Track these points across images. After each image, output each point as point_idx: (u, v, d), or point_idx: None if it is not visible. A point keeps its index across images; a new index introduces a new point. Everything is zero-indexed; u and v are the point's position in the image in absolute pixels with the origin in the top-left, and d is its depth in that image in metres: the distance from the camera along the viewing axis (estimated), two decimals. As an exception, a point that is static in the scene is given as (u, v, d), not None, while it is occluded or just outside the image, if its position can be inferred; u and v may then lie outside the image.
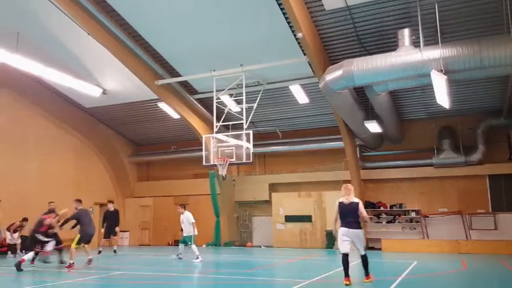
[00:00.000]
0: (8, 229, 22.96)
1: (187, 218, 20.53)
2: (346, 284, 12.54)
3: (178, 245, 21.64)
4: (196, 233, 20.62)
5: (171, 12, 19.35)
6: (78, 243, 17.77)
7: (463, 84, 22.07)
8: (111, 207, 24.29)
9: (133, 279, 14.87)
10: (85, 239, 17.95)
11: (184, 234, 20.64)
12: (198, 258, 19.65)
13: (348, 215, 13.05)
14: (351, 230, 12.94)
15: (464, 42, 16.07)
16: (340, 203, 13.22)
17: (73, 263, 17.21)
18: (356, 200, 13.22)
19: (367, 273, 13.29)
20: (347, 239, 12.97)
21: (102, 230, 23.84)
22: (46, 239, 18.23)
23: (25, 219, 23.24)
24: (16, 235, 23.23)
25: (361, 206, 13.09)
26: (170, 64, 23.62)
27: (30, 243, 18.68)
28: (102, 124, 31.65)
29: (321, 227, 27.10)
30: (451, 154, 25.46)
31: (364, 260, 13.20)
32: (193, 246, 20.32)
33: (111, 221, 23.88)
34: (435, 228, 26.13)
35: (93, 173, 31.11)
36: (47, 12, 19.41)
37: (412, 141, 27.19)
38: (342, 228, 13.06)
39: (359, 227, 13.07)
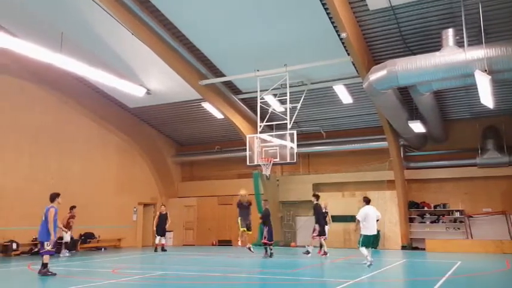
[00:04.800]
0: (65, 227, 22.98)
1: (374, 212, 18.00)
2: None
3: (223, 245, 21.64)
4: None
5: (215, 12, 19.48)
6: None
7: (507, 84, 21.86)
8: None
9: (176, 279, 14.96)
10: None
11: (372, 233, 17.77)
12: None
13: None
14: None
15: (509, 42, 16.01)
16: None
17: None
18: None
19: None
20: None
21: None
22: None
23: (73, 207, 23.30)
24: (69, 234, 23.28)
25: None
26: (214, 64, 23.73)
27: None
28: (146, 124, 32.01)
29: (365, 227, 27.10)
30: (495, 154, 25.24)
31: None
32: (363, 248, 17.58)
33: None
34: (479, 228, 26.00)
35: (136, 173, 31.53)
36: (91, 12, 19.61)
37: (456, 141, 27.07)
38: None
39: None
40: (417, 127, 23.15)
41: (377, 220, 17.97)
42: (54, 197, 15.90)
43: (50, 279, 14.45)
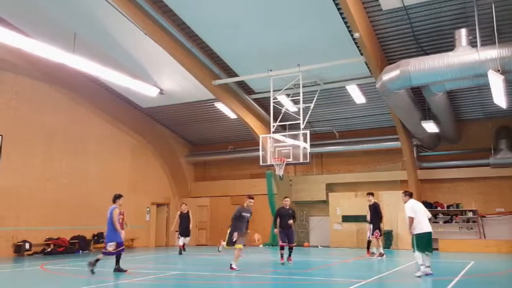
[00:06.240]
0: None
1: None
2: None
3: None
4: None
5: (228, 12, 19.49)
6: None
7: (521, 83, 21.84)
8: (287, 204, 20.22)
9: (190, 279, 14.97)
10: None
11: (426, 231, 14.60)
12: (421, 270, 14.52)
13: None
14: None
15: (522, 42, 16.01)
16: None
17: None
18: None
19: None
20: None
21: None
22: None
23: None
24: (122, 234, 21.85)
25: None
26: (227, 64, 23.71)
27: None
28: (159, 124, 32.09)
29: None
30: (508, 154, 25.11)
31: None
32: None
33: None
34: (492, 228, 25.93)
35: (150, 173, 31.54)
36: (104, 12, 19.66)
37: (469, 141, 27.02)
38: None
39: None
40: (430, 127, 23.12)
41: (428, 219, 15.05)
42: (116, 197, 16.09)
43: (66, 278, 14.56)
